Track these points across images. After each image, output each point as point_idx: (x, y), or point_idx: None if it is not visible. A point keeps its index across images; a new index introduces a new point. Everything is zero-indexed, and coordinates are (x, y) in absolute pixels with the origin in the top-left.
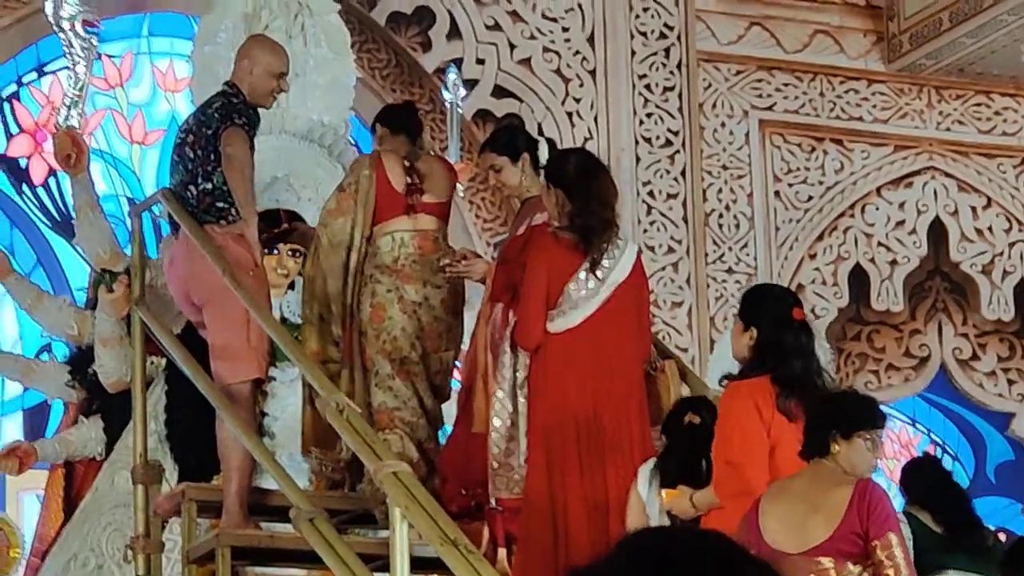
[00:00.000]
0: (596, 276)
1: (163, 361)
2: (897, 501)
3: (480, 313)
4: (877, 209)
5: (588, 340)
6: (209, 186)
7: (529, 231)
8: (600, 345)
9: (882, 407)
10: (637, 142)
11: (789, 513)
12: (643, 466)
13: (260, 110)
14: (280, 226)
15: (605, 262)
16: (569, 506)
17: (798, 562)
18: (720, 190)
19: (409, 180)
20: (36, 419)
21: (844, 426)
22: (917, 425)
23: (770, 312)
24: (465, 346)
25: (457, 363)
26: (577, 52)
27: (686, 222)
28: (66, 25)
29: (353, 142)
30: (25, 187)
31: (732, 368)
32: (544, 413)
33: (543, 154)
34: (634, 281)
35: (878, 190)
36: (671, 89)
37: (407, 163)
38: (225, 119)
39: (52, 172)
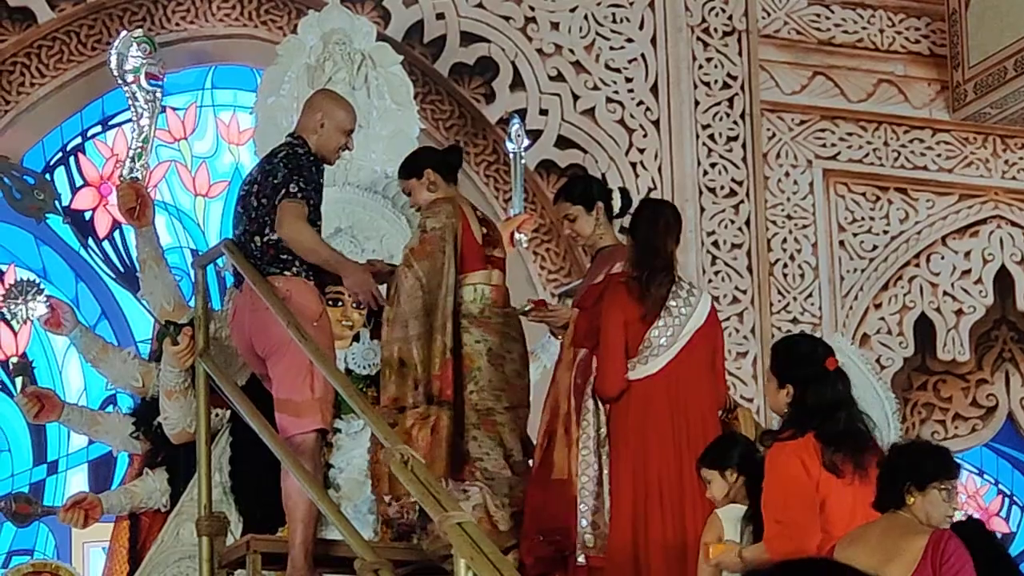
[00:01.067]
0: (674, 324)
1: (227, 413)
2: None
3: (560, 359)
4: (942, 258)
5: (666, 387)
6: (275, 237)
7: (608, 279)
8: (678, 392)
9: None
10: (701, 192)
11: (863, 562)
12: (723, 512)
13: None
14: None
15: (683, 310)
16: (651, 558)
17: None
18: (784, 240)
19: (485, 231)
20: (101, 471)
21: (918, 478)
22: (984, 476)
23: (804, 368)
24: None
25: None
26: (640, 102)
27: (751, 272)
28: (130, 78)
29: None
30: (90, 240)
31: None
32: (627, 465)
33: (616, 203)
34: (709, 329)
35: (943, 239)
36: (735, 139)
37: (479, 215)
38: (286, 180)
39: (116, 225)
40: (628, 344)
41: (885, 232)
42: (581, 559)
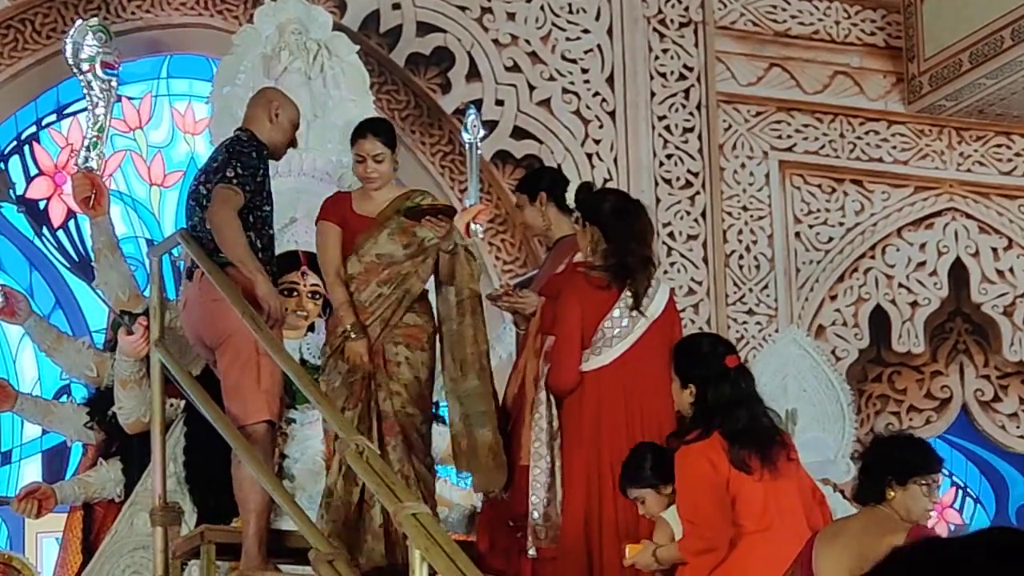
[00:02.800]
0: (634, 313)
1: (182, 403)
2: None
3: (526, 347)
4: (898, 250)
5: (621, 377)
6: None
7: (570, 266)
8: (633, 382)
9: None
10: (657, 183)
11: (843, 556)
12: (668, 514)
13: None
14: (299, 268)
15: (643, 301)
16: (604, 548)
17: None
18: (740, 231)
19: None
20: (55, 461)
21: (899, 472)
22: None
23: (705, 367)
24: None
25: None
26: (596, 93)
27: (706, 263)
28: (85, 67)
29: None
30: (44, 229)
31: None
32: (580, 455)
33: (571, 195)
34: (667, 319)
35: (899, 231)
36: (691, 130)
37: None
38: (223, 165)
39: (71, 214)
40: (584, 336)
41: (841, 224)
42: (532, 552)
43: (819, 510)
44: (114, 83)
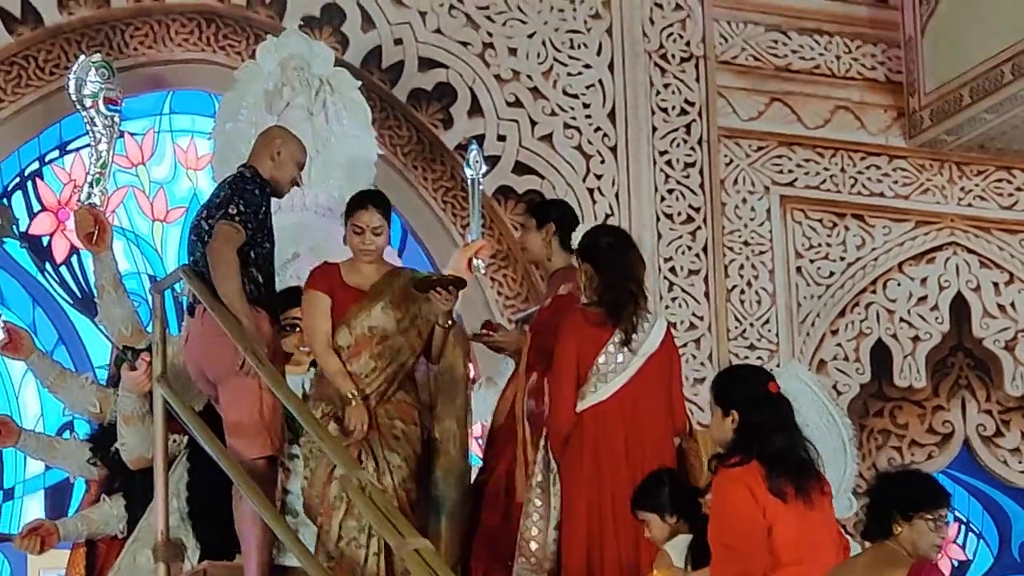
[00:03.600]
0: (627, 349)
1: (185, 439)
2: None
3: (514, 384)
4: (899, 285)
5: (619, 413)
6: None
7: (554, 301)
8: (632, 417)
9: None
10: (658, 218)
11: None
12: (672, 544)
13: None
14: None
15: (636, 335)
16: (605, 570)
17: None
18: (742, 266)
19: None
20: (58, 497)
21: (905, 508)
22: None
23: (746, 393)
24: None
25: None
26: (598, 128)
27: (708, 298)
28: (88, 103)
29: None
30: (47, 265)
31: None
32: (580, 491)
33: (577, 236)
34: (664, 354)
35: (900, 266)
36: (692, 165)
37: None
38: (226, 201)
39: (74, 250)
40: (579, 374)
41: (842, 259)
42: None
43: (843, 556)
44: (117, 119)
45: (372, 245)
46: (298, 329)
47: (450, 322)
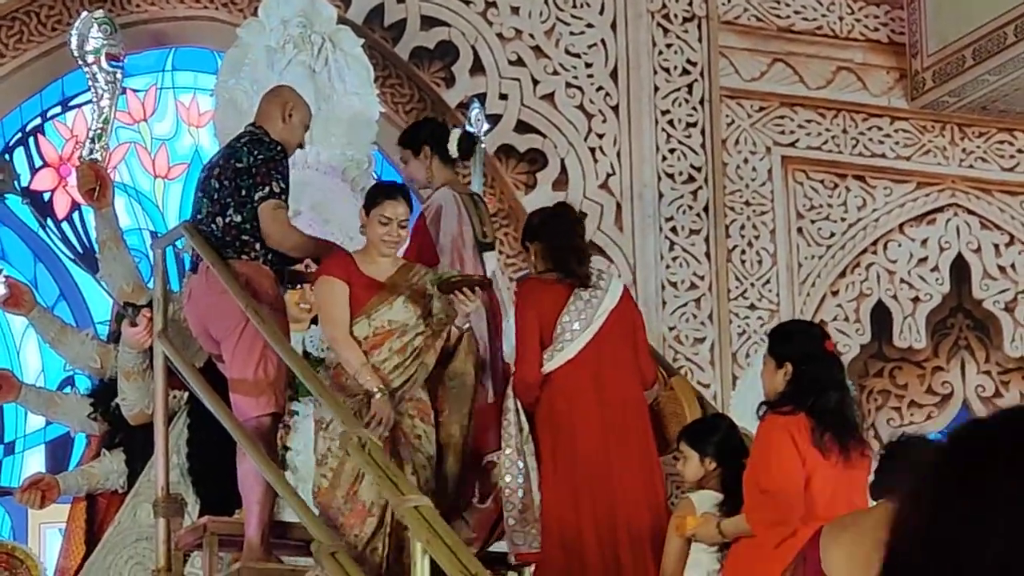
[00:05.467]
0: (588, 308)
1: (185, 395)
2: None
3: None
4: (900, 246)
5: (587, 371)
6: (238, 219)
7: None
8: (599, 374)
9: None
10: (660, 178)
11: (855, 550)
12: (697, 497)
13: None
14: (302, 261)
15: (594, 293)
16: (585, 544)
17: None
18: (743, 226)
19: None
20: (58, 452)
21: None
22: None
23: (803, 347)
24: None
25: None
26: (600, 88)
27: (709, 258)
28: (91, 59)
29: (376, 176)
30: (49, 221)
31: (753, 404)
32: (550, 452)
33: (452, 146)
34: (623, 309)
35: (900, 227)
36: (694, 125)
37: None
38: (266, 177)
39: (76, 206)
40: (543, 337)
41: (843, 219)
42: (512, 558)
43: None
44: (119, 75)
45: (397, 237)
46: (299, 286)
47: (467, 324)
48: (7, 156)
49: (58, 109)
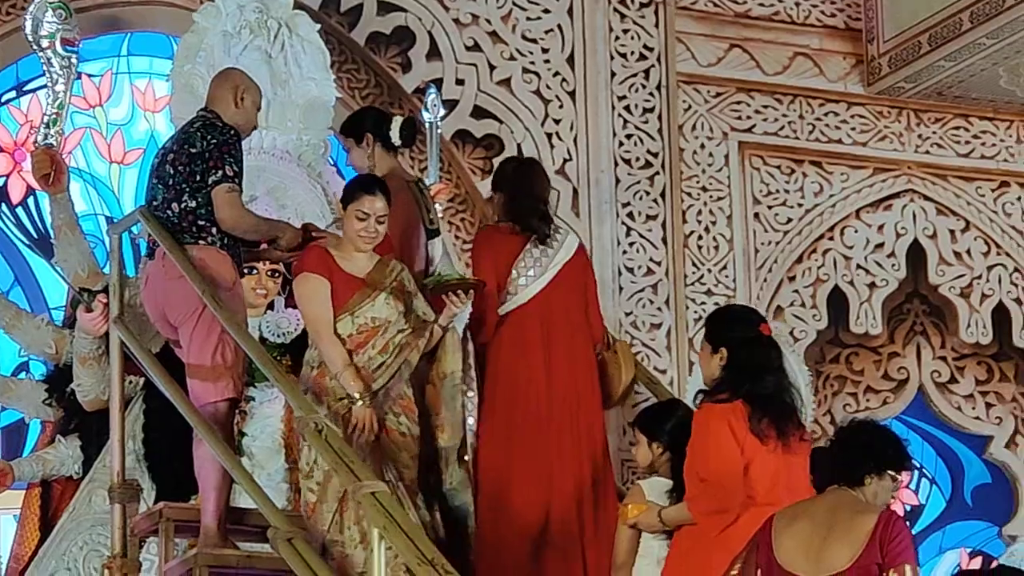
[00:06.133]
0: (543, 257)
1: (141, 380)
2: None
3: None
4: (856, 232)
5: (537, 317)
6: (194, 204)
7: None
8: (549, 323)
9: None
10: (616, 164)
11: (808, 537)
12: (647, 484)
13: None
14: (258, 245)
15: (549, 246)
16: (513, 479)
17: None
18: (700, 212)
19: None
20: (13, 438)
21: (880, 462)
22: None
23: (738, 332)
24: None
25: None
26: (557, 73)
27: (665, 244)
28: (45, 44)
29: (332, 162)
30: (3, 206)
31: None
32: (495, 397)
33: (394, 134)
34: (577, 265)
35: (857, 213)
36: (651, 111)
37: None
38: (219, 160)
39: (31, 191)
40: (498, 281)
41: (799, 205)
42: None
43: None
44: (74, 60)
45: (375, 233)
46: (254, 271)
47: (451, 324)
48: None
49: (13, 94)
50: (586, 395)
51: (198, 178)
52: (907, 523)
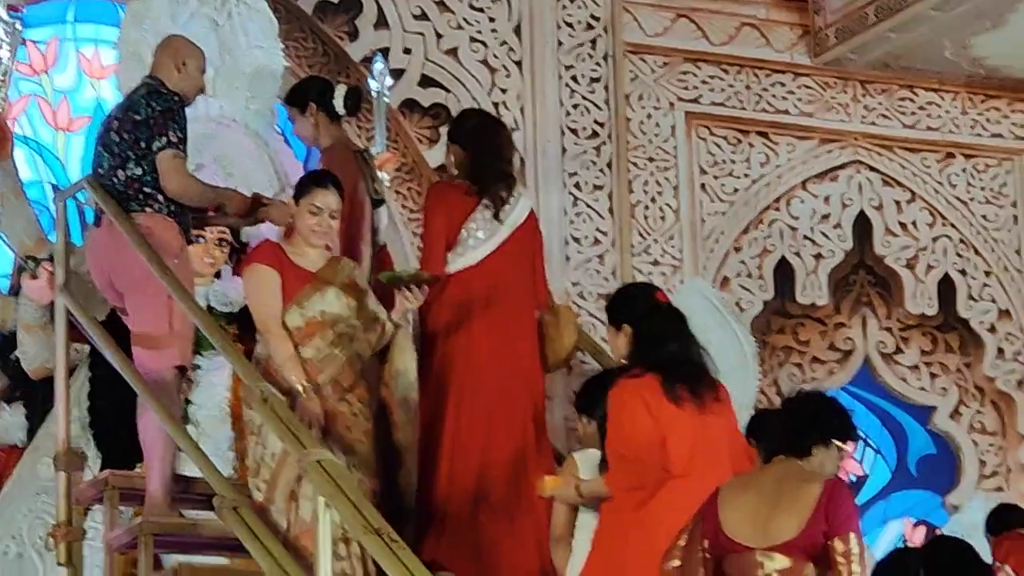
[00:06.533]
0: (495, 220)
1: (87, 348)
2: None
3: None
4: (802, 203)
5: (485, 281)
6: (139, 171)
7: (324, 155)
8: (496, 287)
9: None
10: (563, 133)
11: (754, 507)
12: (580, 455)
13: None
14: (205, 212)
15: (504, 208)
16: (448, 432)
17: (756, 557)
18: (646, 182)
19: None
20: None
21: (828, 433)
22: None
23: (634, 306)
24: None
25: None
26: (504, 43)
27: (612, 214)
28: None
29: (279, 131)
30: None
31: None
32: (439, 350)
33: (338, 103)
34: (528, 230)
35: (803, 183)
36: (597, 80)
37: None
38: (162, 126)
39: None
40: (448, 239)
41: (746, 176)
42: None
43: (749, 466)
44: (19, 26)
45: (327, 228)
46: (202, 241)
47: (403, 320)
48: None
49: None
50: (528, 359)
51: (143, 145)
52: (852, 492)
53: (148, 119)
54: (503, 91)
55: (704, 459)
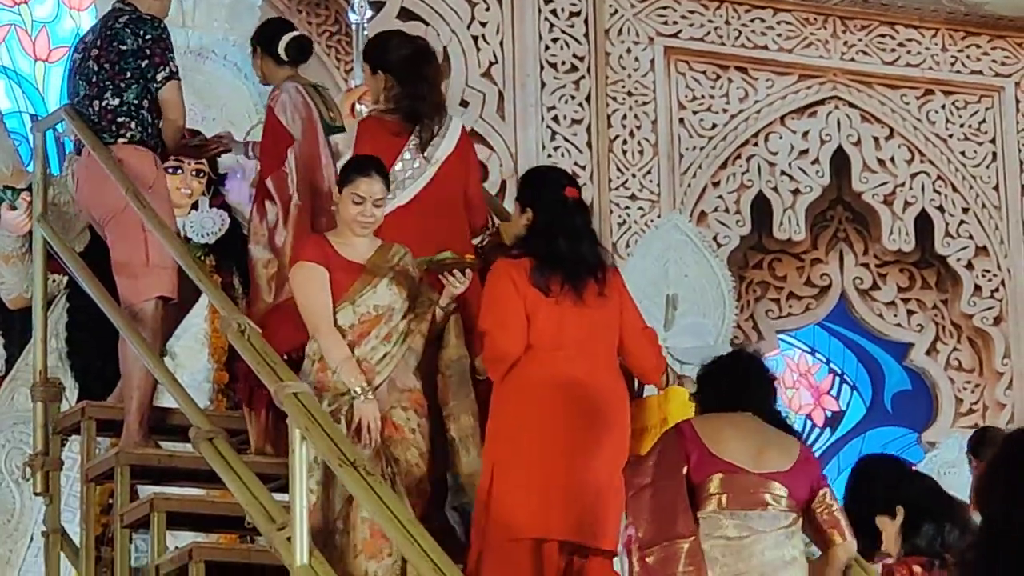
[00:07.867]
0: (423, 156)
1: (65, 279)
2: None
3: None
4: (780, 138)
5: (416, 218)
6: (116, 102)
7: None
8: (428, 222)
9: (783, 335)
10: (542, 67)
11: (745, 438)
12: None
13: None
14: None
15: (432, 142)
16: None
17: (755, 479)
18: (625, 116)
19: None
20: None
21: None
22: (816, 354)
23: (543, 194)
24: None
25: None
26: None
27: (590, 148)
28: None
29: None
30: None
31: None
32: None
33: (280, 49)
34: (459, 154)
35: (782, 119)
36: (577, 14)
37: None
38: (162, 59)
39: None
40: None
41: (725, 111)
42: None
43: (651, 349)
44: None
45: (372, 218)
46: (179, 172)
47: (453, 306)
48: None
49: None
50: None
51: (128, 75)
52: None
53: (141, 49)
54: (482, 24)
55: (575, 338)
